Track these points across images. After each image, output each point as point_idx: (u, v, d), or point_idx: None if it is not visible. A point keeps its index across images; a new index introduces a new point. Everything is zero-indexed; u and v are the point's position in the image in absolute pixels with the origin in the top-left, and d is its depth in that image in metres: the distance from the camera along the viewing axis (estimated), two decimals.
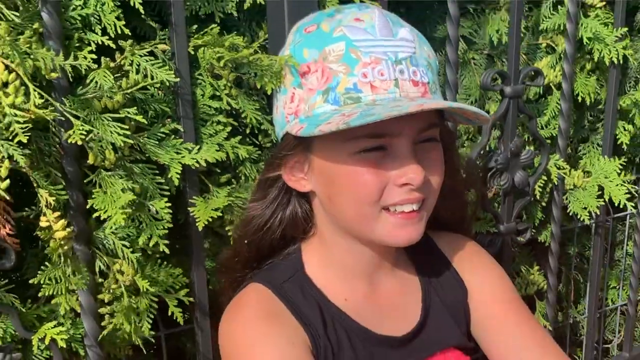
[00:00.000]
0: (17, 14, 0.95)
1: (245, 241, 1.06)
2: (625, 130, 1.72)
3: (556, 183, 1.62)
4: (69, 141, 0.98)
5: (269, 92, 1.07)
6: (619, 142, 1.73)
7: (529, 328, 1.10)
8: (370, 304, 1.06)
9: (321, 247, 1.05)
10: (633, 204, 1.72)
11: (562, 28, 1.53)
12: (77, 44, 1.03)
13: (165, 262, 1.15)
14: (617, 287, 2.11)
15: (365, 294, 1.06)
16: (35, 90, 0.95)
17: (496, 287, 1.14)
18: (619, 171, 1.67)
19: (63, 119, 0.99)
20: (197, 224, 1.12)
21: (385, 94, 0.93)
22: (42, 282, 1.04)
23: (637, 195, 1.81)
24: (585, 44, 1.56)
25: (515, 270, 1.72)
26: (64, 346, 1.06)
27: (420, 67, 0.96)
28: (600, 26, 1.51)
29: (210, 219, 1.12)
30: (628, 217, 2.04)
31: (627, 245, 2.08)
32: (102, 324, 1.12)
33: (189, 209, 1.14)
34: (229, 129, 1.16)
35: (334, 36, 0.95)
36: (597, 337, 2.06)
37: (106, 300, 1.11)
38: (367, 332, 1.02)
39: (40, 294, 1.06)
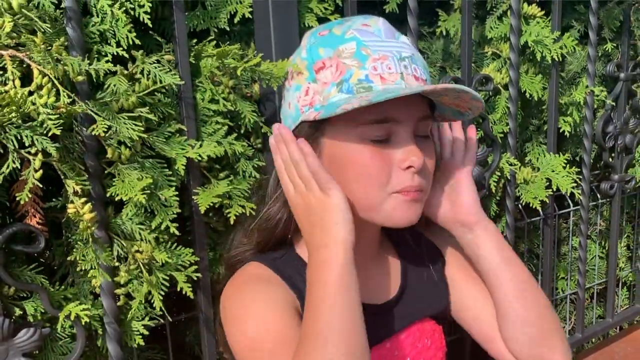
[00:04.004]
0: (49, 25, 1.09)
1: (261, 235, 1.17)
2: (565, 122, 1.95)
3: (509, 178, 1.81)
4: (93, 133, 1.13)
5: (274, 88, 1.25)
6: (561, 130, 1.95)
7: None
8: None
9: None
10: (579, 191, 1.93)
11: (506, 36, 1.75)
12: (95, 55, 1.18)
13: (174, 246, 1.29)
14: (566, 277, 2.32)
15: None
16: (64, 92, 1.10)
17: (460, 259, 1.30)
18: (564, 165, 1.87)
19: (86, 117, 1.14)
20: (199, 208, 1.26)
21: (393, 85, 1.04)
22: (77, 258, 1.17)
23: (581, 183, 2.02)
24: (529, 46, 1.78)
25: None
26: (87, 321, 1.19)
27: (419, 66, 1.09)
28: (542, 30, 1.73)
29: (211, 204, 1.26)
30: (571, 214, 2.26)
31: (572, 239, 2.29)
32: (118, 304, 1.26)
33: (192, 197, 1.29)
34: (226, 128, 1.31)
35: (346, 37, 1.07)
36: None
37: (122, 282, 1.25)
38: None
39: (78, 269, 1.20)
